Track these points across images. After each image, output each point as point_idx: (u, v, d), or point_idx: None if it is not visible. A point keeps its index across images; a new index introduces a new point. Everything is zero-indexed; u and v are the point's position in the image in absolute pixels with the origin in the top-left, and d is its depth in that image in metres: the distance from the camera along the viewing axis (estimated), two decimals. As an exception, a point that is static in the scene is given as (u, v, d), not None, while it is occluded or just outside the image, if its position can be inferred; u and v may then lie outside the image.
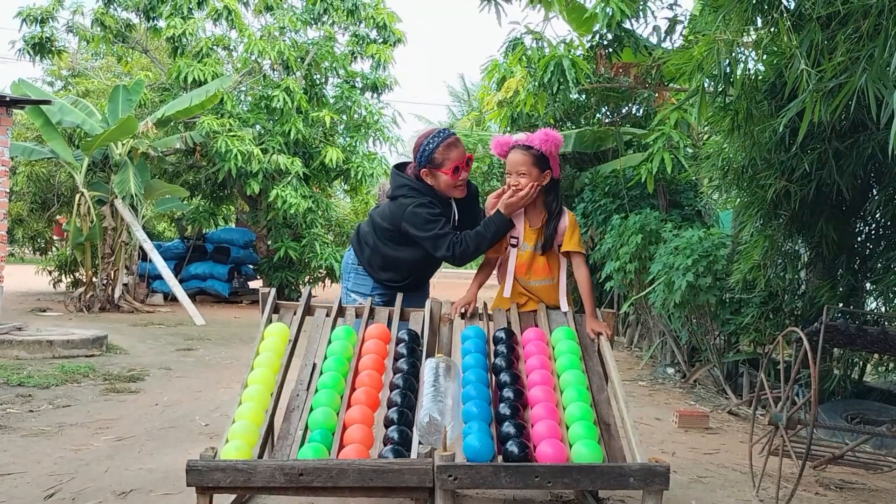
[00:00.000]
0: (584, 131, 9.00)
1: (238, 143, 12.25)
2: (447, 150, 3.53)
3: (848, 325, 3.85)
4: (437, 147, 3.54)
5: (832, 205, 4.81)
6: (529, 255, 3.49)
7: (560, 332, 3.16)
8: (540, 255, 3.49)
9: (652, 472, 2.40)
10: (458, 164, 3.54)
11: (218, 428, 4.50)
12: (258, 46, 13.01)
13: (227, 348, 8.08)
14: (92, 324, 9.45)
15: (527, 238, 3.50)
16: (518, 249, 3.51)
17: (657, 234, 6.81)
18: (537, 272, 3.49)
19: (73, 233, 11.38)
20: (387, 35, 14.53)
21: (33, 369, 6.18)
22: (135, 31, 14.52)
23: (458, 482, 2.37)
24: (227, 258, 14.41)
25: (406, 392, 2.81)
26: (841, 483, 4.11)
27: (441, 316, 3.34)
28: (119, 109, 11.66)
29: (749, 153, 4.39)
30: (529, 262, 3.49)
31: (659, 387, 6.87)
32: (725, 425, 5.46)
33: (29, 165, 13.20)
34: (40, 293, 13.58)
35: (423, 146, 3.58)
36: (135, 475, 3.58)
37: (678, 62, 4.26)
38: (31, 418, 4.68)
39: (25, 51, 13.51)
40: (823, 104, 3.11)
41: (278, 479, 2.40)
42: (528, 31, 6.62)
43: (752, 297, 5.53)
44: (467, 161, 3.60)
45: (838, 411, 4.96)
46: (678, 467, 4.09)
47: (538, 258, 3.49)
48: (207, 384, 6.11)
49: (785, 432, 3.66)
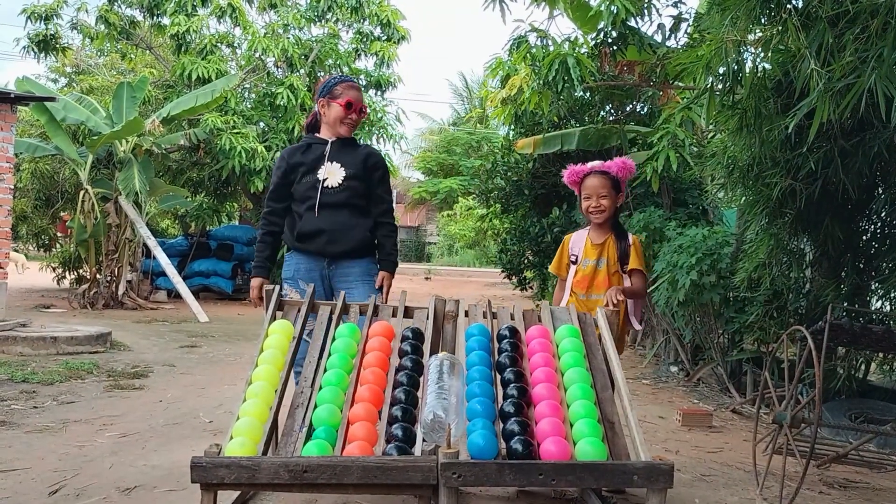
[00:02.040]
0: (588, 129, 8.98)
1: (242, 141, 12.25)
2: (346, 88, 3.91)
3: (852, 324, 3.84)
4: (338, 83, 3.93)
5: (838, 204, 4.80)
6: (592, 269, 3.71)
7: (564, 329, 3.15)
8: (601, 270, 3.69)
9: (656, 470, 2.40)
10: (352, 101, 3.89)
11: (222, 425, 4.51)
12: (262, 44, 13.01)
13: (231, 345, 8.09)
14: (96, 321, 9.47)
15: (588, 254, 3.74)
16: (579, 265, 3.75)
17: (661, 232, 6.81)
18: (598, 287, 3.69)
19: (77, 230, 11.40)
20: (391, 32, 14.52)
21: (37, 366, 6.19)
22: (139, 28, 14.52)
23: (462, 479, 2.37)
24: (230, 255, 14.42)
25: (410, 389, 2.81)
26: (845, 482, 4.10)
27: (445, 313, 3.34)
28: (123, 106, 11.67)
29: (755, 152, 4.38)
30: (591, 277, 3.71)
31: (662, 385, 6.87)
32: (729, 424, 5.46)
33: (33, 162, 13.21)
34: (44, 290, 13.60)
35: (327, 80, 3.99)
36: (139, 472, 3.59)
37: (684, 61, 4.26)
38: (35, 414, 4.69)
39: (30, 48, 13.52)
40: (832, 104, 3.10)
41: (282, 476, 2.40)
42: (533, 28, 6.61)
43: (756, 295, 5.52)
44: (361, 109, 3.96)
45: (842, 410, 4.96)
46: (682, 466, 4.09)
47: (599, 273, 3.70)
48: (211, 381, 6.12)
49: (789, 431, 3.66)
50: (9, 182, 8.61)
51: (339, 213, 3.84)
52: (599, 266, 3.70)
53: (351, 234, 3.85)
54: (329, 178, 3.86)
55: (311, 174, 3.89)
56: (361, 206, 3.90)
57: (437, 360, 2.74)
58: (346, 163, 3.88)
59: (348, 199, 3.86)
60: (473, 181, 23.52)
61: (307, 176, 3.89)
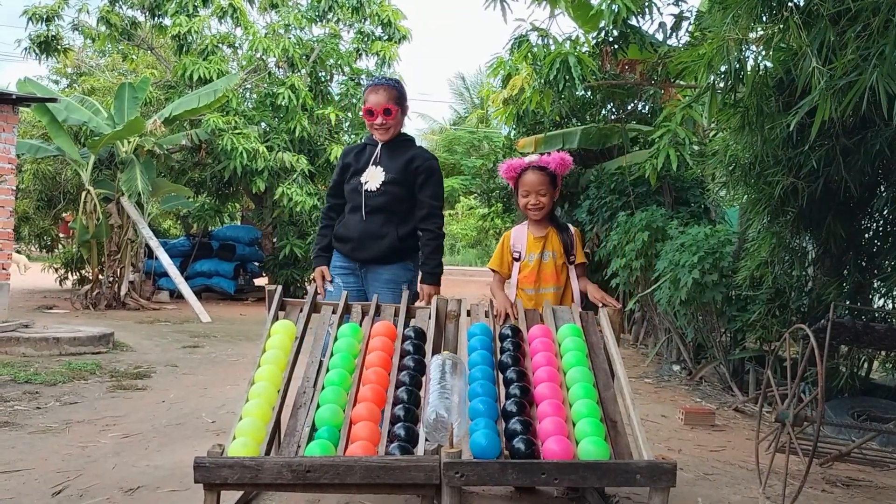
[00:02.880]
0: (589, 128, 8.98)
1: (243, 141, 12.27)
2: (369, 93, 3.85)
3: (855, 322, 3.85)
4: (366, 88, 3.91)
5: (840, 202, 4.80)
6: (537, 262, 3.66)
7: (566, 329, 3.15)
8: (547, 263, 3.65)
9: (659, 469, 2.40)
10: (372, 108, 3.81)
11: (225, 425, 4.51)
12: (263, 44, 13.02)
13: (233, 345, 8.09)
14: (98, 321, 9.48)
15: (532, 248, 3.69)
16: (524, 261, 3.70)
17: (663, 231, 6.80)
18: (546, 279, 3.66)
19: (80, 230, 11.40)
20: (392, 32, 14.52)
21: (40, 366, 6.20)
22: (140, 29, 14.53)
23: (465, 479, 2.37)
24: (232, 256, 14.43)
25: (412, 389, 2.81)
26: (848, 480, 4.10)
27: (447, 313, 3.34)
28: (125, 107, 11.68)
29: (757, 150, 4.38)
30: (538, 270, 3.65)
31: (665, 384, 6.87)
32: (731, 422, 5.46)
33: (35, 163, 13.22)
34: (46, 290, 13.61)
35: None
36: (142, 472, 3.59)
37: (686, 59, 4.26)
38: (39, 415, 4.69)
39: (32, 49, 13.53)
40: (834, 102, 3.10)
41: (285, 476, 2.40)
42: (534, 27, 6.61)
43: (758, 294, 5.52)
44: (386, 110, 3.80)
45: (845, 409, 4.95)
46: (684, 464, 4.09)
47: (546, 266, 3.66)
48: (214, 381, 6.12)
49: (791, 429, 3.65)
50: (11, 183, 8.62)
51: (374, 219, 3.83)
52: (545, 259, 3.66)
53: (378, 242, 3.82)
54: (370, 182, 3.84)
55: (356, 176, 3.89)
56: (401, 211, 3.86)
57: (439, 360, 2.74)
58: (389, 167, 3.85)
59: (386, 203, 3.82)
60: (475, 181, 23.49)
61: (353, 178, 3.90)
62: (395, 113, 3.82)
